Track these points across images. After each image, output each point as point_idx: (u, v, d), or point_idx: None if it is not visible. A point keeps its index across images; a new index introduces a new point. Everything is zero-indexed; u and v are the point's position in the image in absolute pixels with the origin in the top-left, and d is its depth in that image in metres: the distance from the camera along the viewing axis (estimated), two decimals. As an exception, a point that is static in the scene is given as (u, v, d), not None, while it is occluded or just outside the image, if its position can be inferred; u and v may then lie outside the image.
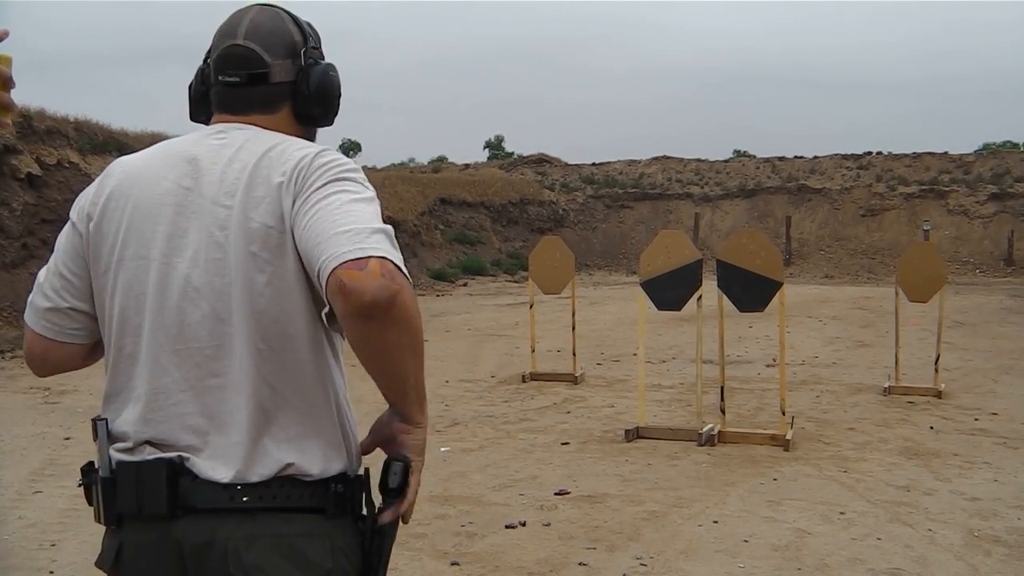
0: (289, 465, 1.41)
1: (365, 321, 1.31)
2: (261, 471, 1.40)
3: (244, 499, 1.38)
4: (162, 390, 1.43)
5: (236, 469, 1.39)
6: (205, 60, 1.59)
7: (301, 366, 1.43)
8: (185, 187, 1.47)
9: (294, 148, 1.47)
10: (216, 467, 1.39)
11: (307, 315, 1.42)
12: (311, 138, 1.62)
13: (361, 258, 1.31)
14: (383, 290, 1.29)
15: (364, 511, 1.48)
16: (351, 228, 1.35)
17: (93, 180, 1.59)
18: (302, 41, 1.57)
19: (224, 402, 1.41)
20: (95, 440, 1.46)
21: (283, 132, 1.54)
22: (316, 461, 1.43)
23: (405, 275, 1.34)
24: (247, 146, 1.48)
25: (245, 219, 1.42)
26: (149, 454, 1.42)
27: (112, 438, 1.45)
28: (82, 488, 1.49)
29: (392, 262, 1.33)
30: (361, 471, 1.51)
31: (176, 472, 1.39)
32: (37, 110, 14.88)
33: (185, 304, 1.43)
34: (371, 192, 1.45)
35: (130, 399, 1.46)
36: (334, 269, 1.30)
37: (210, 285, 1.42)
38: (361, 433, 1.54)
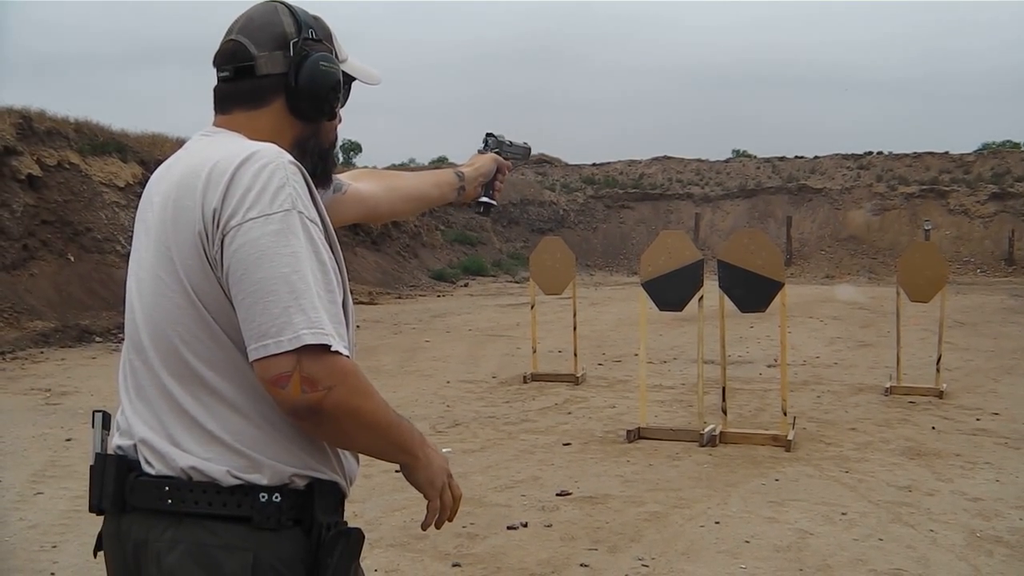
0: (203, 466, 1.36)
1: (299, 421, 1.34)
2: (176, 471, 1.37)
3: (169, 501, 1.37)
4: (132, 387, 1.47)
5: (157, 466, 1.39)
6: None
7: (220, 366, 1.39)
8: (151, 202, 1.49)
9: (211, 165, 1.39)
10: (146, 463, 1.41)
11: (213, 329, 1.38)
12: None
13: (276, 356, 1.28)
14: (305, 403, 1.29)
15: (321, 522, 1.40)
16: (265, 304, 1.30)
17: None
18: (295, 32, 1.52)
19: (156, 400, 1.42)
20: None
21: (274, 129, 1.51)
22: (236, 466, 1.36)
23: (331, 351, 1.30)
24: (194, 158, 1.44)
25: (157, 242, 1.42)
26: (115, 448, 1.46)
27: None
28: None
29: (313, 346, 1.28)
30: (313, 478, 1.41)
31: (128, 468, 1.41)
32: (37, 111, 14.89)
33: (132, 315, 1.48)
34: (294, 220, 1.34)
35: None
36: (255, 361, 1.31)
37: (140, 301, 1.45)
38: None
